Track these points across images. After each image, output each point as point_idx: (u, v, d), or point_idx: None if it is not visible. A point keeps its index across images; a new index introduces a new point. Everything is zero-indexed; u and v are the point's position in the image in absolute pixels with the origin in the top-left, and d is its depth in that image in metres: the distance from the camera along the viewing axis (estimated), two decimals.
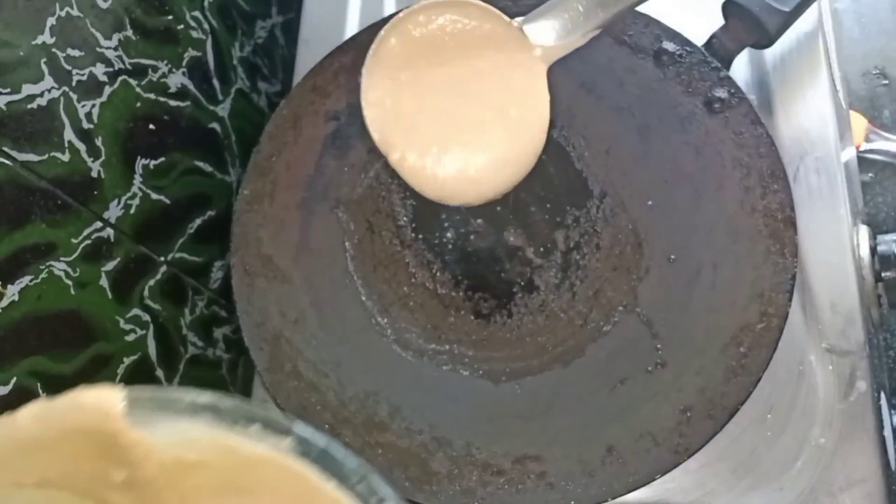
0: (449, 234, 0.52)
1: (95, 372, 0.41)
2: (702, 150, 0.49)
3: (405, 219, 0.53)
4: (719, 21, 0.50)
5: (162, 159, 0.47)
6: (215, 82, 0.54)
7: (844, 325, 0.48)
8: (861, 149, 0.82)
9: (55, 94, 0.37)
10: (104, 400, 0.24)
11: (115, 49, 0.42)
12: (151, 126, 0.46)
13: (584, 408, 0.45)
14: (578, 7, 0.33)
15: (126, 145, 0.43)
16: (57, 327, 0.38)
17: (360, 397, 0.47)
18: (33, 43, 0.36)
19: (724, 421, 0.42)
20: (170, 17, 0.48)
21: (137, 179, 0.44)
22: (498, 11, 0.34)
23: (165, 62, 0.47)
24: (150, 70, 0.46)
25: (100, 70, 0.41)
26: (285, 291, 0.49)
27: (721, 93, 0.49)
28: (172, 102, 0.48)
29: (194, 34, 0.51)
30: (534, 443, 0.44)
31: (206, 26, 0.53)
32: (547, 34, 0.33)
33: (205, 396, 0.25)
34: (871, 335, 0.49)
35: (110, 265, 0.42)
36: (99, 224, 0.41)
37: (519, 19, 0.33)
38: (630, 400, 0.45)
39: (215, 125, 0.54)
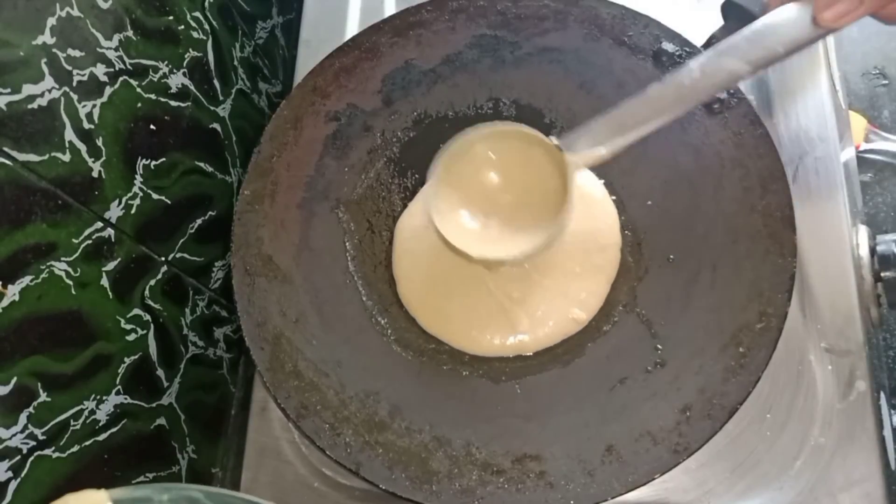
0: None
1: (96, 372, 0.41)
2: (701, 150, 0.49)
3: None
4: (719, 21, 0.50)
5: (163, 159, 0.47)
6: (216, 83, 0.54)
7: (843, 325, 0.48)
8: (860, 149, 0.82)
9: (56, 94, 0.38)
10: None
11: (116, 49, 0.42)
12: (152, 126, 0.46)
13: (583, 407, 0.45)
14: (601, 133, 0.42)
15: (127, 145, 0.43)
16: (57, 327, 0.38)
17: (360, 397, 0.47)
18: (33, 43, 0.36)
19: (724, 421, 0.42)
20: (170, 18, 0.48)
21: (138, 179, 0.44)
22: (540, 134, 0.44)
23: (166, 62, 0.47)
24: (150, 70, 0.46)
25: (100, 70, 0.41)
26: (286, 291, 0.49)
27: (720, 93, 0.49)
28: (173, 103, 0.48)
29: (195, 35, 0.51)
30: (534, 442, 0.44)
31: (206, 27, 0.53)
32: (577, 149, 0.43)
33: (183, 490, 0.25)
34: (871, 335, 0.49)
35: (111, 265, 0.42)
36: (100, 224, 0.41)
37: (553, 139, 0.43)
38: (629, 399, 0.45)
39: (216, 125, 0.54)
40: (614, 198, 0.52)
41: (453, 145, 0.46)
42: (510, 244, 0.45)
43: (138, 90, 0.44)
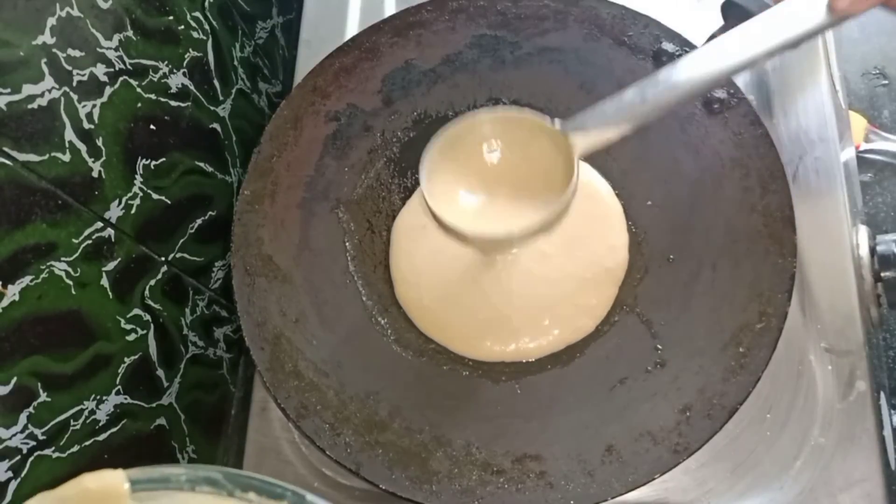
0: None
1: (96, 372, 0.41)
2: (701, 150, 0.49)
3: None
4: (719, 21, 0.50)
5: (163, 159, 0.47)
6: (216, 83, 0.54)
7: (844, 325, 0.48)
8: (860, 149, 0.82)
9: (56, 94, 0.37)
10: (109, 484, 0.25)
11: (116, 49, 0.42)
12: (152, 126, 0.46)
13: (583, 407, 0.45)
14: (605, 117, 0.40)
15: (127, 145, 0.43)
16: (57, 327, 0.38)
17: (360, 397, 0.47)
18: (33, 43, 0.36)
19: (724, 421, 0.42)
20: (170, 18, 0.48)
21: (138, 179, 0.44)
22: (542, 118, 0.42)
23: (166, 62, 0.47)
24: (150, 70, 0.46)
25: (100, 70, 0.41)
26: (286, 291, 0.49)
27: (720, 93, 0.49)
28: (173, 103, 0.48)
29: (195, 35, 0.51)
30: (534, 442, 0.44)
31: (206, 27, 0.53)
32: (579, 133, 0.41)
33: (202, 471, 0.25)
34: (871, 335, 0.49)
35: (111, 265, 0.42)
36: (100, 224, 0.41)
37: (558, 121, 0.42)
38: (629, 399, 0.45)
39: (216, 125, 0.54)
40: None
41: (450, 128, 0.43)
42: (508, 222, 0.42)
43: (138, 90, 0.44)
